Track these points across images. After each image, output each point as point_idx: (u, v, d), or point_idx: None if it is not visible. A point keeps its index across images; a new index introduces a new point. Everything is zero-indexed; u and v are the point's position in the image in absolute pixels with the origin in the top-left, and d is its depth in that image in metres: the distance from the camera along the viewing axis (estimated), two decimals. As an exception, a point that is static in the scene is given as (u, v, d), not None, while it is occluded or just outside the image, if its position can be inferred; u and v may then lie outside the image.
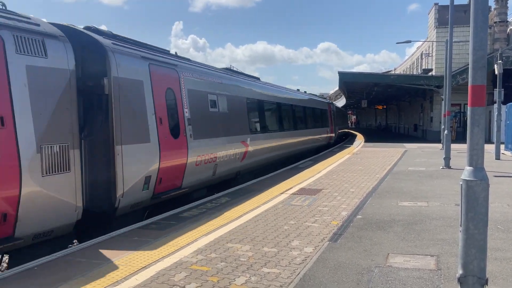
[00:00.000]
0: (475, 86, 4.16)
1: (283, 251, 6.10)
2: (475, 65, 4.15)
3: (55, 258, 5.83)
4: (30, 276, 5.20)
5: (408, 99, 46.30)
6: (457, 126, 34.46)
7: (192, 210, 8.75)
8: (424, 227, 7.37)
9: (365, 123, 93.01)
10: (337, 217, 8.10)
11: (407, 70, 56.23)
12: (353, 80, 35.71)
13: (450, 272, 5.25)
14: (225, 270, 5.36)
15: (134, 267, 5.47)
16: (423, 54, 43.14)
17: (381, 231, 7.14)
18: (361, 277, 5.13)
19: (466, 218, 4.14)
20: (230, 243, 6.47)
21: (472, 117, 4.19)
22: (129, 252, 6.06)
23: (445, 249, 6.16)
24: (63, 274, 5.23)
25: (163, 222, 7.78)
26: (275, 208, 8.87)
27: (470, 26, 4.21)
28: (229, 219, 7.95)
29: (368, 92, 46.26)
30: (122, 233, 7.07)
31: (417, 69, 47.48)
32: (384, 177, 13.33)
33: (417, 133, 42.71)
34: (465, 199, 4.14)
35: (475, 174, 4.12)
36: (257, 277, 5.14)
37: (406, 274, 5.23)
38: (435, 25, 37.03)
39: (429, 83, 32.76)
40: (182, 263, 5.62)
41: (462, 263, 4.17)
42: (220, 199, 9.91)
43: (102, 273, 5.25)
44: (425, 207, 8.95)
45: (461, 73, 30.86)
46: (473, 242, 4.11)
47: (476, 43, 4.13)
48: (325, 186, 11.63)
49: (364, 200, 9.70)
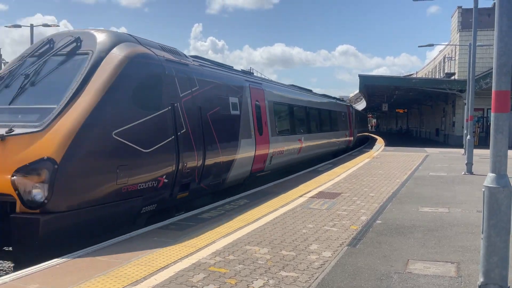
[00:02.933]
0: (499, 92, 4.11)
1: (301, 254, 6.10)
2: (499, 70, 4.10)
3: (76, 256, 5.93)
4: (52, 273, 5.30)
5: (430, 103, 45.70)
6: (479, 131, 33.86)
7: (211, 212, 8.81)
8: (445, 234, 7.27)
9: (386, 127, 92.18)
10: (356, 221, 8.05)
11: (429, 73, 55.52)
12: (374, 83, 35.41)
13: (471, 279, 5.18)
14: (243, 272, 5.39)
15: (153, 267, 5.54)
16: (446, 58, 42.56)
17: (401, 237, 7.07)
18: (380, 283, 5.09)
19: (488, 225, 4.09)
20: (248, 246, 6.49)
21: (495, 123, 4.14)
22: (148, 252, 6.13)
23: (466, 256, 6.07)
24: (84, 272, 5.33)
25: (182, 223, 7.84)
26: (293, 211, 8.86)
27: (494, 30, 4.15)
28: (248, 221, 7.97)
29: (389, 96, 45.83)
30: (142, 233, 7.15)
31: (440, 72, 46.85)
32: (405, 182, 13.20)
33: (439, 137, 42.12)
34: (487, 206, 4.09)
35: (498, 181, 4.07)
36: (275, 280, 5.15)
37: (426, 280, 5.17)
38: (458, 29, 36.50)
39: (452, 87, 32.27)
40: (200, 264, 5.66)
41: (483, 271, 4.11)
42: (238, 201, 9.95)
43: (122, 272, 5.32)
44: (446, 213, 8.83)
45: (485, 78, 30.32)
46: (495, 250, 4.06)
47: (500, 48, 4.08)
48: (344, 190, 11.57)
49: (384, 205, 9.62)
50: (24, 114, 7.04)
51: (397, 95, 42.77)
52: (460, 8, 36.79)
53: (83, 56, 7.71)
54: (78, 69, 7.46)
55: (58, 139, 6.49)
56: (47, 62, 7.83)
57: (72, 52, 7.87)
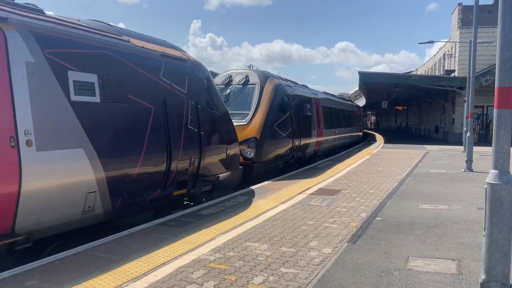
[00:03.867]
0: (502, 88, 4.07)
1: (301, 251, 6.08)
2: (502, 66, 4.06)
3: (76, 252, 5.90)
4: (51, 269, 5.27)
5: (430, 100, 45.65)
6: (479, 129, 33.85)
7: (211, 208, 8.78)
8: (445, 231, 7.25)
9: (385, 124, 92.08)
10: (356, 218, 8.03)
11: (429, 71, 55.44)
12: (373, 80, 35.33)
13: (472, 277, 5.16)
14: (243, 269, 5.36)
15: (153, 263, 5.51)
16: (446, 55, 42.50)
17: (401, 234, 7.05)
18: (381, 280, 5.07)
19: (490, 222, 4.06)
20: (248, 242, 6.47)
21: (498, 120, 4.10)
22: (148, 248, 6.10)
23: (467, 254, 6.05)
24: (83, 269, 5.30)
25: (182, 220, 7.82)
26: (293, 208, 8.84)
27: (497, 26, 4.11)
28: (247, 218, 7.95)
29: (389, 93, 45.73)
30: (142, 229, 7.12)
31: (440, 70, 46.78)
32: (404, 179, 13.18)
33: (438, 135, 42.09)
34: (489, 203, 4.07)
35: (500, 178, 4.04)
36: (275, 277, 5.12)
37: (426, 278, 5.15)
38: (458, 26, 36.43)
39: (452, 84, 32.23)
40: (200, 260, 5.64)
41: (485, 268, 4.09)
42: (238, 198, 9.92)
43: (121, 269, 5.30)
44: (446, 210, 8.82)
45: (485, 75, 30.30)
46: (497, 247, 4.03)
47: (503, 43, 4.04)
48: (344, 186, 11.55)
49: (384, 201, 9.60)
50: (237, 116, 13.86)
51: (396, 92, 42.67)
52: (461, 5, 36.74)
53: (253, 85, 15.01)
54: (253, 92, 14.80)
55: (256, 128, 13.82)
56: (235, 88, 15.12)
57: (245, 83, 15.16)
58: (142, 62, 8.01)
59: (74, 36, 6.85)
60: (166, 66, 8.67)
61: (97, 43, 7.21)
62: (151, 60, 8.35)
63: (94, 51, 7.06)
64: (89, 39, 7.12)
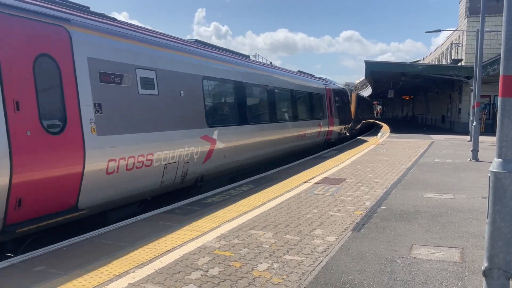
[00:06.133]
0: (507, 76, 4.06)
1: (306, 239, 6.13)
2: (507, 54, 4.04)
3: (83, 239, 5.99)
4: (58, 256, 5.36)
5: (436, 89, 45.38)
6: (486, 118, 33.65)
7: (216, 197, 8.85)
8: (449, 220, 7.28)
9: (391, 114, 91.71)
10: (360, 207, 8.06)
11: (436, 60, 55.03)
12: (380, 69, 35.15)
13: (475, 265, 5.19)
14: (248, 256, 5.42)
15: (159, 250, 5.58)
16: (453, 44, 42.13)
17: (405, 222, 7.09)
18: (384, 268, 5.11)
19: (493, 210, 4.07)
20: (252, 230, 6.53)
21: (502, 108, 4.09)
22: (154, 235, 6.18)
23: (471, 242, 6.08)
24: (90, 255, 5.38)
25: (187, 208, 7.89)
26: (298, 197, 8.88)
27: (503, 15, 4.09)
28: (252, 207, 8.01)
29: (395, 82, 45.48)
30: (148, 217, 7.20)
31: (447, 59, 46.42)
32: (410, 168, 13.18)
33: (445, 124, 41.90)
34: (492, 191, 4.07)
35: (504, 166, 4.03)
36: (279, 264, 5.18)
37: (430, 265, 5.19)
38: (466, 14, 36.06)
39: (459, 74, 32.00)
40: (205, 248, 5.71)
41: (487, 256, 4.11)
42: (243, 187, 9.98)
43: (128, 256, 5.37)
44: (451, 199, 8.83)
45: (492, 64, 30.04)
46: (500, 235, 4.04)
47: (509, 32, 4.02)
48: (349, 176, 11.57)
49: (389, 191, 9.62)
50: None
51: (403, 81, 42.41)
52: (468, -7, 36.27)
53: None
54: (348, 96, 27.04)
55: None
56: None
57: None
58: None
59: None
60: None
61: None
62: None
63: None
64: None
